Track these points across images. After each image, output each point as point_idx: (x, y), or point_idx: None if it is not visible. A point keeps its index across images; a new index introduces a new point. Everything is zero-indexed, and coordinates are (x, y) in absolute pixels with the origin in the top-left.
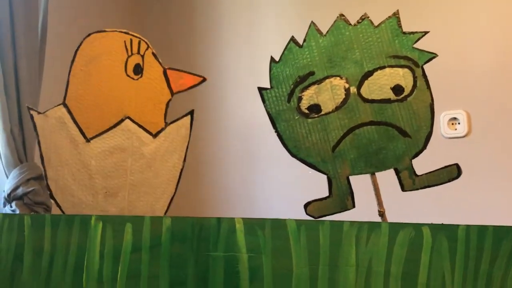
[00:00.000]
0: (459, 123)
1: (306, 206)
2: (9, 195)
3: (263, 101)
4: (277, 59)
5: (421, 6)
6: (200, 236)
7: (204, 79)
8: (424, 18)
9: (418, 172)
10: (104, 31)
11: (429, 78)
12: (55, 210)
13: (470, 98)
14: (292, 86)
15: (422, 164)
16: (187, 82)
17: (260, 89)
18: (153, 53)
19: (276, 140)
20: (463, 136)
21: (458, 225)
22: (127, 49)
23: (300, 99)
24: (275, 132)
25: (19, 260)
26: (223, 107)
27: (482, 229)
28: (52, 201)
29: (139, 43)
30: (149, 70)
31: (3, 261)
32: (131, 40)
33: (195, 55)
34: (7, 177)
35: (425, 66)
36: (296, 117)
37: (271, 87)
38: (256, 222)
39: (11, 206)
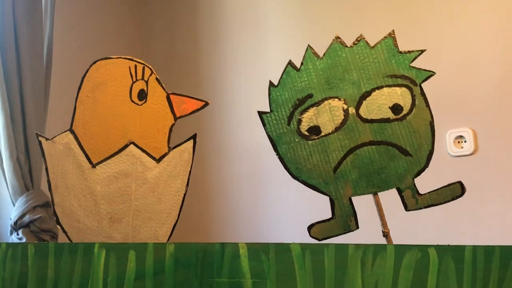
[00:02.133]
0: (465, 141)
1: (309, 228)
2: (15, 223)
3: (264, 124)
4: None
5: (424, 22)
6: (204, 262)
7: (207, 103)
8: (427, 35)
9: (424, 192)
10: (110, 58)
11: (434, 96)
12: (61, 237)
13: (476, 116)
14: (291, 109)
15: (429, 183)
16: (189, 106)
17: (260, 113)
18: (156, 79)
19: (280, 162)
20: (470, 154)
21: (465, 246)
22: (131, 75)
23: (299, 121)
24: (276, 155)
25: None
26: (228, 130)
27: (489, 250)
28: (59, 228)
29: (143, 69)
30: (153, 96)
31: None
32: (135, 66)
33: (200, 79)
34: (14, 205)
35: (430, 85)
36: (297, 140)
37: (271, 110)
38: (260, 247)
39: (17, 234)
